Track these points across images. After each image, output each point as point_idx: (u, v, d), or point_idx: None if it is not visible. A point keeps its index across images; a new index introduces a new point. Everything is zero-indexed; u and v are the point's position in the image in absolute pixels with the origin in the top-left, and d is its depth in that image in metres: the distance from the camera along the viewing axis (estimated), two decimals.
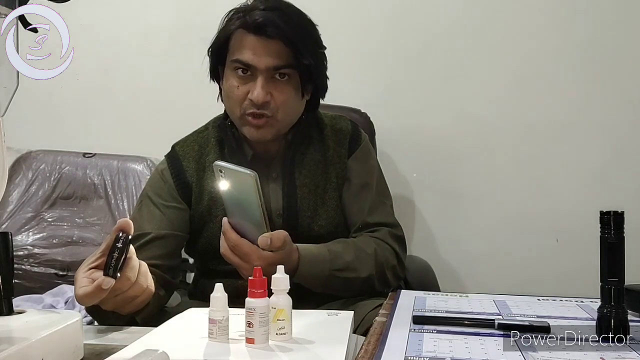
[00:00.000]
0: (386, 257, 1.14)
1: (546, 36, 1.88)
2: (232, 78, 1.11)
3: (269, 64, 1.07)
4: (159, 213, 1.13)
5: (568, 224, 1.86)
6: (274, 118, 1.10)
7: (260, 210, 0.91)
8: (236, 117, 1.12)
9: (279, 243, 0.95)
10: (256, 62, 1.07)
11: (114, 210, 1.99)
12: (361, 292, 1.12)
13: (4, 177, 0.61)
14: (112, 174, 2.03)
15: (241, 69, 1.09)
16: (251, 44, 1.08)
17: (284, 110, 1.11)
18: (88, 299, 0.79)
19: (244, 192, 0.91)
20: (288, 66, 1.08)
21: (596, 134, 1.87)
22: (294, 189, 1.15)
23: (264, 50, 1.07)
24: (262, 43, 1.07)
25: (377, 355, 0.62)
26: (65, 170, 2.04)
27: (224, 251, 0.98)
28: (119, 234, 0.78)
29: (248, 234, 0.96)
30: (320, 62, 1.15)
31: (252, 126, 1.10)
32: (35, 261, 1.88)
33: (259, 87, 1.07)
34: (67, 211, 2.00)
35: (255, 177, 0.89)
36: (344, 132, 1.22)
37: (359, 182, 1.20)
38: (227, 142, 1.17)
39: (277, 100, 1.09)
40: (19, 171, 2.03)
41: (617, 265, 0.67)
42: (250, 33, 1.08)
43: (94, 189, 2.02)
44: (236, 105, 1.11)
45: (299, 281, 1.03)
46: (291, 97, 1.11)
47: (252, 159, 1.16)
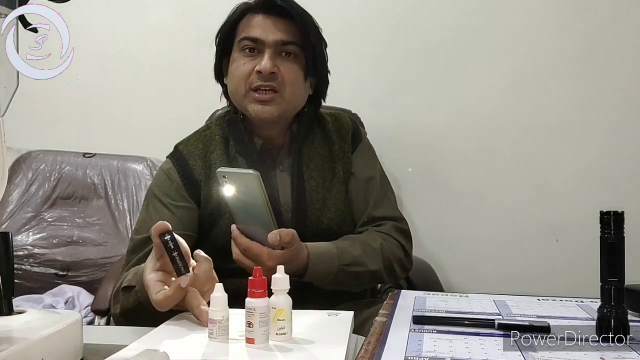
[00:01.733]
0: (392, 250, 1.15)
1: (546, 36, 1.88)
2: (238, 58, 1.13)
3: (277, 38, 1.11)
4: (168, 213, 1.12)
5: (568, 224, 1.86)
6: (280, 95, 1.12)
7: (267, 208, 0.93)
8: (241, 95, 1.13)
9: (288, 237, 0.96)
10: (264, 36, 1.11)
11: (114, 210, 1.99)
12: (370, 285, 1.16)
13: (4, 177, 0.61)
14: (112, 174, 2.03)
15: (249, 48, 1.12)
16: (259, 22, 1.12)
17: (290, 87, 1.13)
18: (169, 301, 0.79)
19: (249, 193, 0.92)
20: (295, 43, 1.12)
21: (596, 134, 1.87)
22: (302, 182, 1.16)
23: (271, 27, 1.12)
24: (270, 20, 1.12)
25: (377, 355, 0.62)
26: (65, 170, 2.04)
27: (237, 256, 0.99)
28: (165, 236, 0.78)
29: (257, 236, 0.97)
30: (323, 51, 1.18)
31: (258, 102, 1.11)
32: (35, 261, 1.88)
33: (266, 58, 1.10)
34: (67, 211, 2.01)
35: (258, 175, 0.90)
36: (346, 128, 1.24)
37: (364, 176, 1.21)
38: (237, 135, 1.17)
39: (284, 74, 1.12)
40: (19, 171, 2.03)
41: (617, 265, 0.67)
42: (259, 13, 1.13)
43: (94, 189, 2.03)
44: (242, 81, 1.12)
45: (310, 279, 1.04)
46: (297, 76, 1.14)
47: (261, 149, 1.16)
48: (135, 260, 1.07)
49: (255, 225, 0.97)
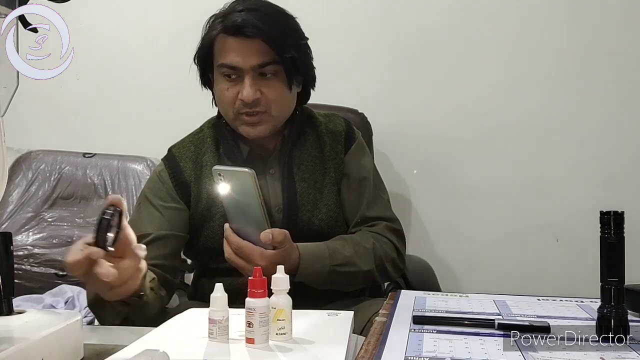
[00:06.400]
0: (385, 250, 1.16)
1: (546, 36, 1.88)
2: (221, 82, 1.13)
3: (253, 63, 1.10)
4: (158, 214, 1.14)
5: (568, 223, 1.86)
6: (268, 114, 1.12)
7: (261, 207, 0.93)
8: (230, 119, 1.15)
9: (281, 237, 0.97)
10: (240, 63, 1.10)
11: None
12: (363, 285, 1.16)
13: (4, 177, 0.61)
14: (112, 174, 2.03)
15: (228, 73, 1.11)
16: (233, 47, 1.10)
17: (277, 105, 1.13)
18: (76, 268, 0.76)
19: (244, 191, 0.93)
20: (272, 62, 1.11)
21: (596, 134, 1.87)
22: (293, 183, 1.17)
23: (246, 51, 1.10)
24: (243, 44, 1.10)
25: (377, 355, 0.62)
26: (65, 170, 2.04)
27: (228, 255, 1.00)
28: (109, 209, 0.75)
29: (250, 236, 0.98)
30: (304, 53, 1.17)
31: (248, 124, 1.13)
32: (35, 261, 1.88)
33: (247, 86, 1.10)
34: (67, 211, 2.00)
35: (253, 174, 0.91)
36: (339, 129, 1.24)
37: (356, 177, 1.22)
38: (223, 140, 1.18)
39: (267, 96, 1.11)
40: (19, 171, 2.03)
41: (617, 265, 0.67)
42: (231, 36, 1.10)
43: (94, 189, 2.02)
44: (228, 107, 1.13)
45: (301, 279, 1.04)
46: (281, 92, 1.13)
47: (248, 156, 1.17)
48: None
49: (248, 225, 0.98)
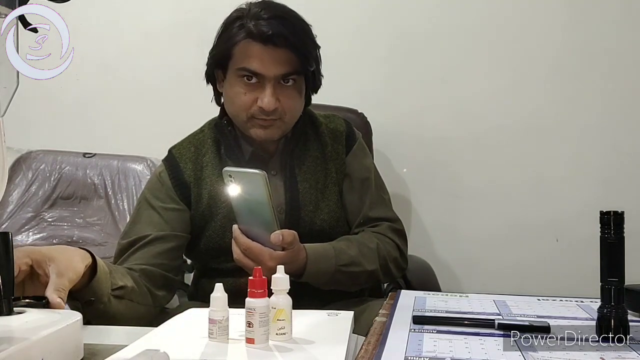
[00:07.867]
0: (388, 250, 1.17)
1: (546, 36, 1.88)
2: (237, 85, 1.11)
3: (278, 72, 1.09)
4: (157, 216, 1.14)
5: (568, 223, 1.86)
6: (282, 120, 1.13)
7: (271, 208, 0.94)
8: (241, 121, 1.14)
9: (290, 238, 0.97)
10: (265, 70, 1.08)
11: (114, 210, 1.99)
12: (366, 285, 1.17)
13: (4, 177, 0.61)
14: (112, 174, 2.03)
15: (247, 77, 1.10)
16: (258, 53, 1.08)
17: (291, 112, 1.14)
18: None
19: (254, 192, 0.93)
20: (295, 73, 1.11)
21: (596, 134, 1.87)
22: (295, 184, 1.17)
23: (271, 59, 1.08)
24: (270, 52, 1.08)
25: (377, 355, 0.62)
26: (65, 170, 2.04)
27: (237, 256, 0.99)
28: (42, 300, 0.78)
29: (259, 237, 0.98)
30: (319, 62, 1.17)
31: (260, 127, 1.12)
32: None
33: (268, 95, 1.08)
34: (67, 211, 2.00)
35: (264, 175, 0.91)
36: (340, 130, 1.24)
37: (358, 177, 1.22)
38: (225, 141, 1.18)
39: (284, 105, 1.11)
40: (19, 171, 2.03)
41: (617, 265, 0.67)
42: (257, 42, 1.08)
43: (94, 189, 2.02)
44: (242, 110, 1.12)
45: (308, 279, 1.05)
46: (297, 101, 1.14)
47: (250, 157, 1.17)
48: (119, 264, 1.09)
49: (257, 226, 0.98)
